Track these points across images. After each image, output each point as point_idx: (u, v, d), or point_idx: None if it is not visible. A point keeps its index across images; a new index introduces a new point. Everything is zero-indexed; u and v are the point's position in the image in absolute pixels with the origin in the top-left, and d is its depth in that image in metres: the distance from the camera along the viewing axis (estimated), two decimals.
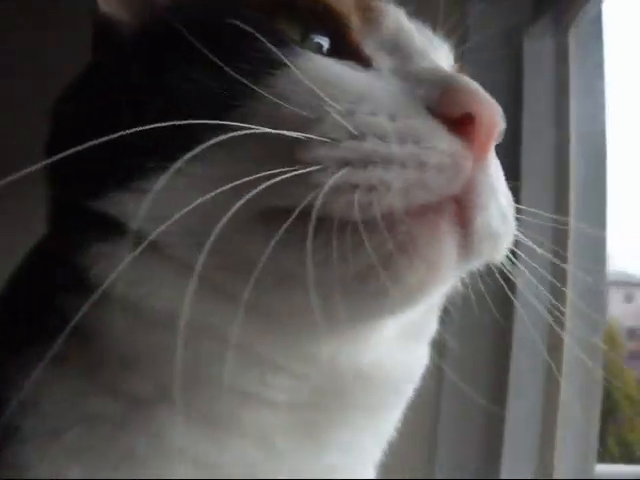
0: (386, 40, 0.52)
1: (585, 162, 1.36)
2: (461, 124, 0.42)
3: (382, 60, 0.50)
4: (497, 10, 1.30)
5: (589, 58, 1.34)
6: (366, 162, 0.40)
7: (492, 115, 0.42)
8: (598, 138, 1.35)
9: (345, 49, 0.50)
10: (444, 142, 0.42)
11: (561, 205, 1.28)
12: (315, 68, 0.46)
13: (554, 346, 1.15)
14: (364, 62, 0.50)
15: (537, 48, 1.33)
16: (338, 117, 0.41)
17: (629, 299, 2.68)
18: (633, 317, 2.69)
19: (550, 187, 1.30)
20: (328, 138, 0.41)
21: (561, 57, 1.33)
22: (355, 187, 0.40)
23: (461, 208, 0.43)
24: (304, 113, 0.42)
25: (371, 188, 0.40)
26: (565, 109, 1.31)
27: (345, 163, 0.40)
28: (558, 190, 1.29)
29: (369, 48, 0.51)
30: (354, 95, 0.43)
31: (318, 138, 0.40)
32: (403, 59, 0.50)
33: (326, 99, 0.42)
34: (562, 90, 1.32)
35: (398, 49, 0.51)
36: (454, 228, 0.43)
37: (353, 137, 0.41)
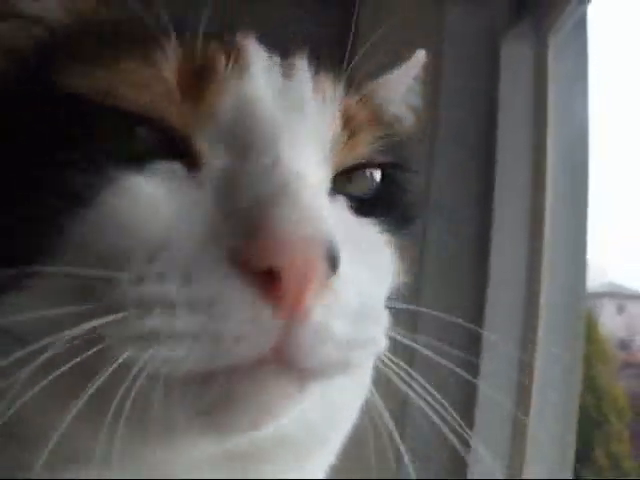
0: (224, 125, 0.45)
1: (565, 171, 1.33)
2: (266, 280, 0.36)
3: (215, 154, 0.44)
4: (475, 13, 1.27)
5: (569, 63, 1.31)
6: (152, 338, 0.36)
7: (304, 270, 0.35)
8: (578, 146, 1.32)
9: (172, 142, 0.44)
10: (244, 307, 0.36)
11: (536, 215, 1.25)
12: (120, 204, 0.40)
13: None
14: (192, 160, 0.44)
15: (515, 53, 1.30)
16: (125, 287, 0.37)
17: (621, 310, 2.66)
18: (625, 328, 2.67)
19: (526, 196, 1.26)
20: (114, 312, 0.36)
21: (540, 62, 1.30)
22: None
23: (282, 357, 0.38)
24: (95, 275, 0.37)
25: (164, 360, 0.36)
26: (543, 116, 1.28)
27: (132, 338, 0.36)
28: (534, 200, 1.26)
29: (203, 138, 0.44)
30: (152, 245, 0.38)
31: (103, 316, 0.36)
32: (238, 154, 0.44)
33: (115, 265, 0.38)
34: (540, 97, 1.28)
35: (236, 136, 0.44)
36: (281, 371, 0.38)
37: (138, 309, 0.36)
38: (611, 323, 2.65)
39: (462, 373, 0.48)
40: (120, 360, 0.35)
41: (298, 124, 0.46)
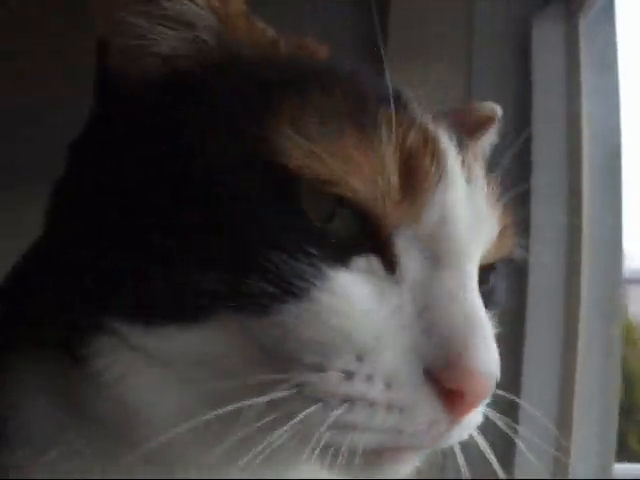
0: (422, 234, 0.46)
1: (599, 153, 1.32)
2: (451, 395, 0.42)
3: (410, 262, 0.45)
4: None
5: (599, 44, 1.30)
6: (351, 429, 0.42)
7: (483, 393, 0.43)
8: (613, 130, 1.31)
9: (373, 237, 0.45)
10: (427, 413, 0.42)
11: (574, 197, 1.25)
12: (330, 302, 0.42)
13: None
14: (388, 262, 0.45)
15: (547, 35, 1.29)
16: (336, 379, 0.41)
17: None
18: None
19: (563, 179, 1.26)
20: (322, 393, 0.42)
21: (571, 44, 1.29)
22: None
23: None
24: (305, 358, 0.42)
25: (357, 442, 0.43)
26: (577, 98, 1.28)
27: (332, 426, 0.42)
28: (571, 181, 1.26)
29: (401, 241, 0.45)
30: (360, 348, 0.42)
31: (311, 395, 0.41)
32: (431, 267, 0.45)
33: (330, 355, 0.42)
34: (573, 78, 1.28)
35: (431, 250, 0.45)
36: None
37: (344, 403, 0.41)
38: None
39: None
40: (322, 443, 0.41)
41: (478, 234, 0.48)
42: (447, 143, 0.48)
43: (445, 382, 0.41)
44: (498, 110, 0.65)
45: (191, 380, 0.44)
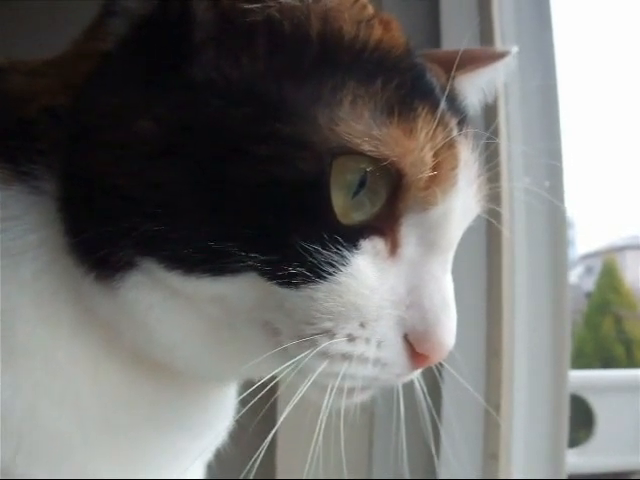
0: (424, 223, 0.51)
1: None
2: (418, 356, 0.52)
3: (408, 247, 0.51)
4: None
5: None
6: (347, 378, 0.51)
7: (441, 357, 0.52)
8: None
9: (386, 219, 0.50)
10: (400, 367, 0.52)
11: None
12: (349, 282, 0.49)
13: None
14: (393, 245, 0.51)
15: None
16: (342, 340, 0.50)
17: None
18: None
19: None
20: (331, 352, 0.50)
21: None
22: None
23: None
24: (320, 324, 0.49)
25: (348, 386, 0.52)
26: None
27: (331, 375, 0.51)
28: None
29: (405, 227, 0.51)
30: (364, 317, 0.50)
31: (314, 348, 0.50)
32: (424, 252, 0.52)
33: (340, 322, 0.50)
34: None
35: (427, 237, 0.52)
36: None
37: (343, 359, 0.50)
38: (635, 274, 2.68)
39: None
40: (313, 379, 0.50)
41: (464, 222, 0.56)
42: (466, 149, 0.54)
43: (417, 347, 0.51)
44: (513, 49, 0.67)
45: (209, 315, 0.51)
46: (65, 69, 0.53)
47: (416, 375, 0.57)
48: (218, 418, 0.62)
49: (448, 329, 0.51)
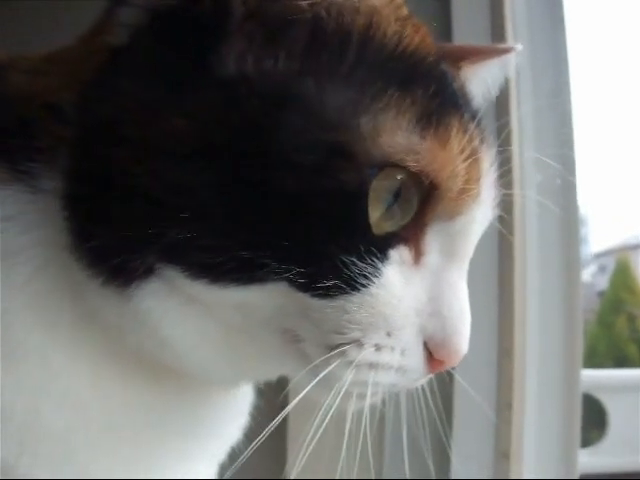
0: (447, 232, 0.51)
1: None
2: (435, 362, 0.52)
3: (431, 255, 0.51)
4: None
5: None
6: (374, 387, 0.51)
7: (455, 363, 0.53)
8: None
9: (413, 227, 0.50)
10: (419, 373, 0.52)
11: None
12: (379, 293, 0.49)
13: None
14: (417, 254, 0.51)
15: None
16: (370, 349, 0.50)
17: None
18: None
19: None
20: (359, 361, 0.50)
21: None
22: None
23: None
24: (349, 334, 0.49)
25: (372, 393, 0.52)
26: None
27: (357, 384, 0.51)
28: None
29: (430, 234, 0.51)
30: (391, 327, 0.50)
31: (344, 358, 0.50)
32: (445, 260, 0.52)
33: (369, 332, 0.50)
34: None
35: (448, 246, 0.52)
36: None
37: (371, 366, 0.50)
38: None
39: None
40: (343, 390, 0.50)
41: (481, 230, 0.56)
42: (487, 157, 0.53)
43: (435, 354, 0.51)
44: (517, 46, 0.66)
45: (225, 321, 0.50)
46: (71, 65, 0.52)
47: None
48: (228, 418, 0.62)
49: (464, 337, 0.51)
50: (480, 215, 0.53)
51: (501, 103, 1.06)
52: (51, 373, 0.52)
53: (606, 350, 2.44)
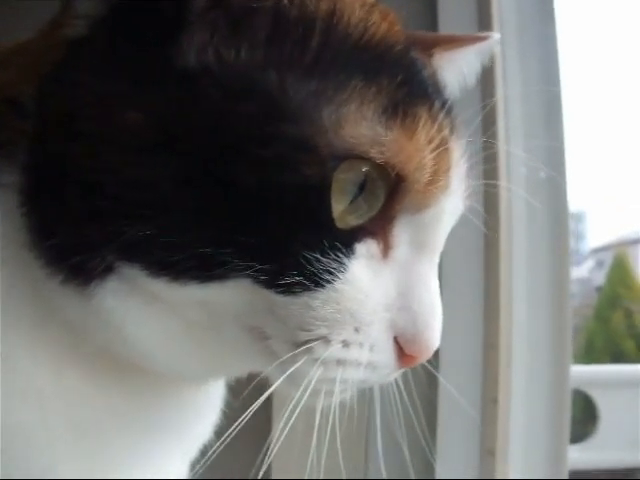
0: (416, 224, 0.50)
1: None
2: (406, 357, 0.51)
3: (400, 248, 0.50)
4: None
5: None
6: (342, 383, 0.50)
7: (427, 358, 0.52)
8: None
9: (380, 220, 0.49)
10: (389, 369, 0.51)
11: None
12: (345, 288, 0.48)
13: None
14: (385, 247, 0.50)
15: None
16: (337, 346, 0.49)
17: None
18: None
19: None
20: (326, 358, 0.49)
21: None
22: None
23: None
24: (315, 330, 0.48)
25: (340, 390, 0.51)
26: None
27: (326, 381, 0.50)
28: None
29: (398, 227, 0.50)
30: (359, 323, 0.49)
31: (310, 355, 0.49)
32: (414, 253, 0.51)
33: (336, 328, 0.49)
34: None
35: (417, 238, 0.51)
36: None
37: (339, 363, 0.49)
38: None
39: None
40: (311, 387, 0.49)
41: (451, 222, 0.54)
42: (457, 148, 0.52)
43: (406, 350, 0.50)
44: (494, 35, 0.65)
45: (190, 318, 0.49)
46: (31, 58, 0.51)
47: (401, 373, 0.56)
48: (198, 416, 0.61)
49: (436, 331, 0.50)
50: (450, 206, 0.51)
51: (488, 93, 1.06)
52: (11, 368, 0.50)
53: (603, 345, 2.43)
